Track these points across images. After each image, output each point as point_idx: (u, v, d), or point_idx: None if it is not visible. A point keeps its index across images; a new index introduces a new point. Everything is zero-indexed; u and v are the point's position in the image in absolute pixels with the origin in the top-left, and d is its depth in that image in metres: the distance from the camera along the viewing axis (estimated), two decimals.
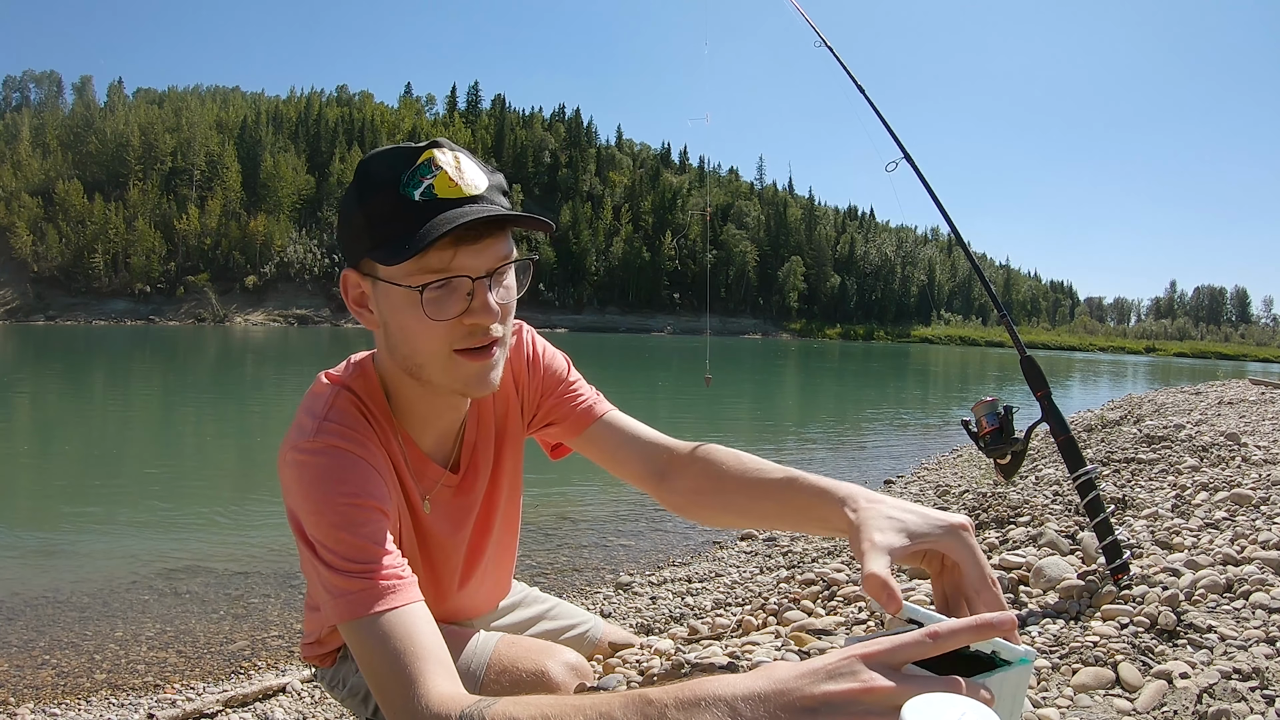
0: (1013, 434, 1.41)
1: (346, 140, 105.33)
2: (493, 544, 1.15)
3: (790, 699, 0.53)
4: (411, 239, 0.80)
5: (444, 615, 1.13)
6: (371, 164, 0.85)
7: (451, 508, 1.05)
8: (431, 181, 0.82)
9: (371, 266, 0.86)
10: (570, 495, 5.78)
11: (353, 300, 0.90)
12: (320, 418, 0.88)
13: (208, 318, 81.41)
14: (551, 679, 1.03)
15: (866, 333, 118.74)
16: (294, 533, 0.86)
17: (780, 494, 0.94)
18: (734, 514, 1.02)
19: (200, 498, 6.15)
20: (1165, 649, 1.06)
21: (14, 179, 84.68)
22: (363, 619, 0.78)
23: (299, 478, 0.84)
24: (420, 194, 0.81)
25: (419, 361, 0.88)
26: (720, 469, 1.00)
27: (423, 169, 0.82)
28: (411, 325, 0.85)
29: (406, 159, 0.83)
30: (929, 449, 9.01)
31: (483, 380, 0.89)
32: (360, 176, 0.85)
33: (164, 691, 2.84)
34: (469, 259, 0.83)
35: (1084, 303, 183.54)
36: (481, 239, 0.83)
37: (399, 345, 0.88)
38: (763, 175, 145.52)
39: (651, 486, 1.07)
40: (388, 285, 0.85)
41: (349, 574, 0.79)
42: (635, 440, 1.09)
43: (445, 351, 0.86)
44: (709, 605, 3.23)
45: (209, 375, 19.75)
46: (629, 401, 1.24)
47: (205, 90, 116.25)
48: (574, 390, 1.13)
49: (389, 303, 0.86)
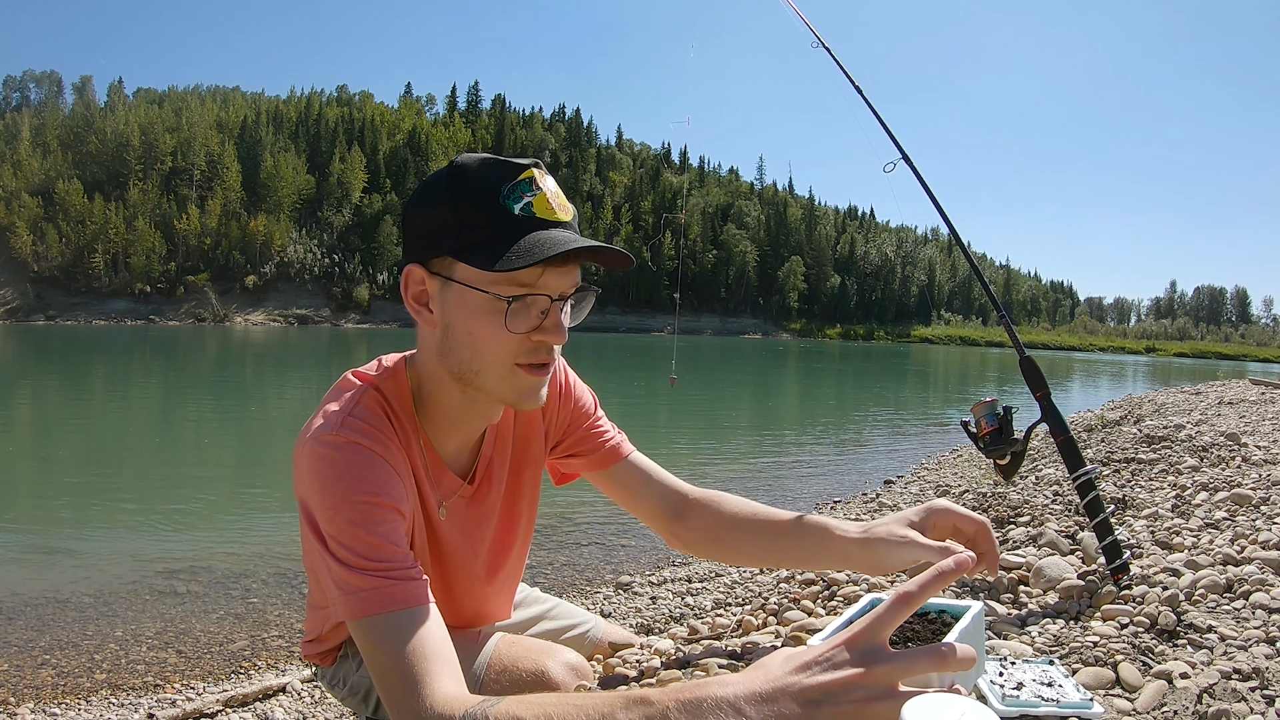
0: (1012, 434, 1.41)
1: (346, 140, 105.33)
2: (509, 565, 1.16)
3: (792, 696, 0.54)
4: (510, 250, 0.81)
5: (456, 626, 1.14)
6: (470, 167, 0.85)
7: (464, 518, 1.05)
8: (531, 200, 0.83)
9: (447, 266, 0.85)
10: (570, 495, 5.77)
11: (412, 296, 0.90)
12: (346, 413, 0.88)
13: (208, 318, 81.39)
14: (551, 679, 1.03)
15: (866, 333, 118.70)
16: (304, 522, 0.86)
17: (793, 533, 1.07)
18: (749, 554, 1.12)
19: (200, 497, 6.15)
20: (1165, 649, 1.06)
21: (14, 179, 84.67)
22: (373, 617, 0.78)
23: (317, 470, 0.84)
24: (520, 209, 0.83)
25: (477, 368, 0.88)
26: (735, 512, 1.11)
27: (524, 185, 0.83)
28: (482, 332, 0.85)
29: (508, 172, 0.84)
30: (929, 449, 9.01)
31: (535, 395, 0.90)
32: (454, 176, 0.85)
33: (164, 691, 2.84)
34: (553, 279, 0.85)
35: (1084, 303, 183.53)
36: (567, 263, 0.85)
37: (460, 349, 0.88)
38: (763, 175, 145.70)
39: (664, 526, 1.14)
40: (465, 289, 0.85)
41: (361, 571, 0.79)
42: (655, 482, 1.15)
43: (508, 363, 0.87)
44: (709, 605, 3.23)
45: (209, 375, 19.74)
46: (631, 400, 1.24)
47: (205, 90, 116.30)
48: (600, 426, 1.16)
49: (461, 305, 0.86)
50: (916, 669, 0.53)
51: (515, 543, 1.14)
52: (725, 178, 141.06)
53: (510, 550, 1.13)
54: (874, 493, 6.08)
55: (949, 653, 0.53)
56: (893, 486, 6.34)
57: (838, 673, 0.53)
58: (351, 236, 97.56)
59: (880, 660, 0.53)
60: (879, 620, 0.55)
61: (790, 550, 1.08)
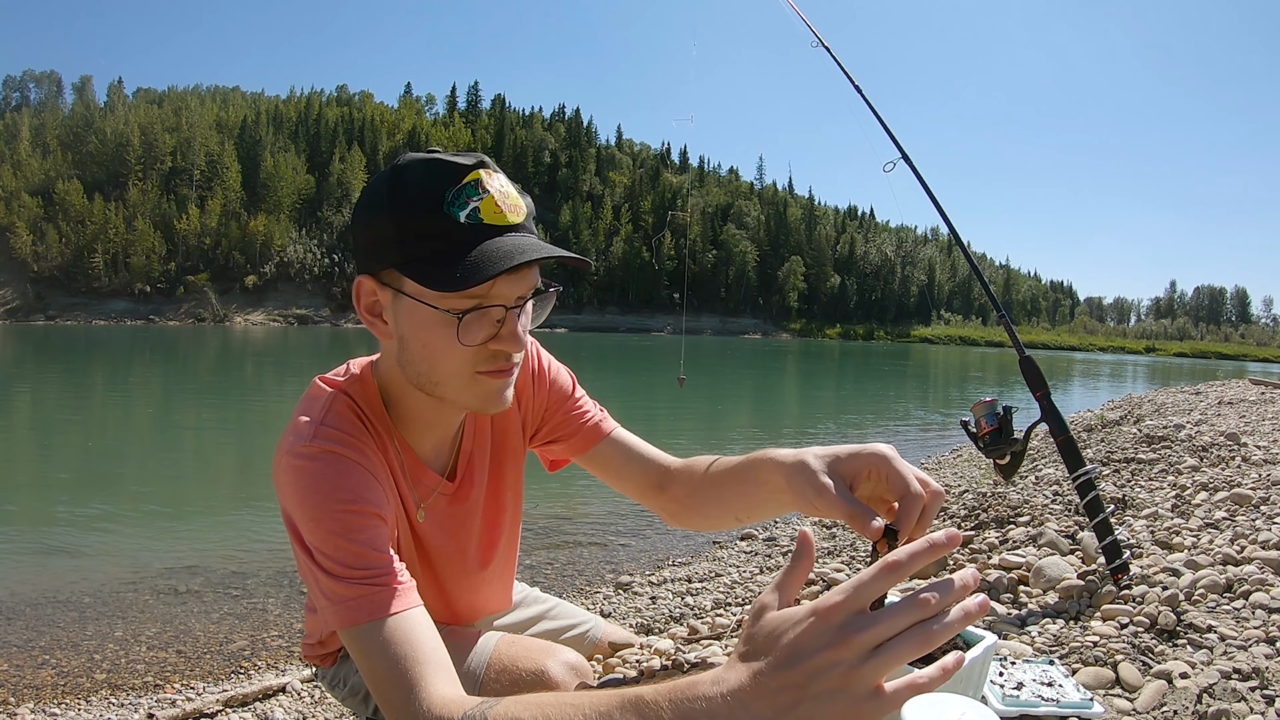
0: (1012, 434, 1.41)
1: (346, 140, 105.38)
2: (499, 557, 1.15)
3: (778, 684, 0.53)
4: (457, 264, 0.77)
5: (440, 620, 1.13)
6: (409, 172, 0.80)
7: (446, 516, 1.05)
8: (478, 205, 0.79)
9: (396, 279, 0.83)
10: (570, 495, 5.78)
11: (365, 309, 0.87)
12: (317, 422, 0.86)
13: (207, 318, 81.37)
14: (551, 679, 1.03)
15: (866, 333, 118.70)
16: (290, 536, 0.85)
17: (741, 474, 0.98)
18: (714, 509, 1.05)
19: (200, 497, 6.15)
20: (1165, 649, 1.06)
21: (14, 179, 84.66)
22: (362, 625, 0.78)
23: (295, 483, 0.83)
24: (466, 215, 0.78)
25: (436, 379, 0.87)
26: (700, 472, 1.05)
27: (469, 189, 0.79)
28: (436, 345, 0.83)
29: (451, 175, 0.79)
30: (929, 449, 9.01)
31: (499, 398, 0.89)
32: (394, 182, 0.80)
33: (164, 691, 2.84)
34: (507, 287, 0.82)
35: (1084, 303, 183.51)
36: (520, 269, 0.80)
37: (417, 362, 0.86)
38: (763, 175, 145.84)
39: (650, 499, 1.11)
40: (415, 303, 0.82)
41: (347, 580, 0.79)
42: (637, 458, 1.12)
43: (467, 373, 0.86)
44: (709, 605, 3.23)
45: (209, 375, 19.75)
46: (632, 400, 1.25)
47: (205, 90, 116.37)
48: (580, 407, 1.13)
49: (413, 319, 0.84)
50: (898, 625, 0.52)
51: (503, 534, 1.13)
52: (725, 178, 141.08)
53: (498, 542, 1.13)
54: None
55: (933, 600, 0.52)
56: None
57: (820, 654, 0.52)
58: (351, 236, 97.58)
59: (861, 627, 0.53)
60: (861, 588, 0.53)
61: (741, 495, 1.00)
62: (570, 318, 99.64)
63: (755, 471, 0.94)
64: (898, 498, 0.77)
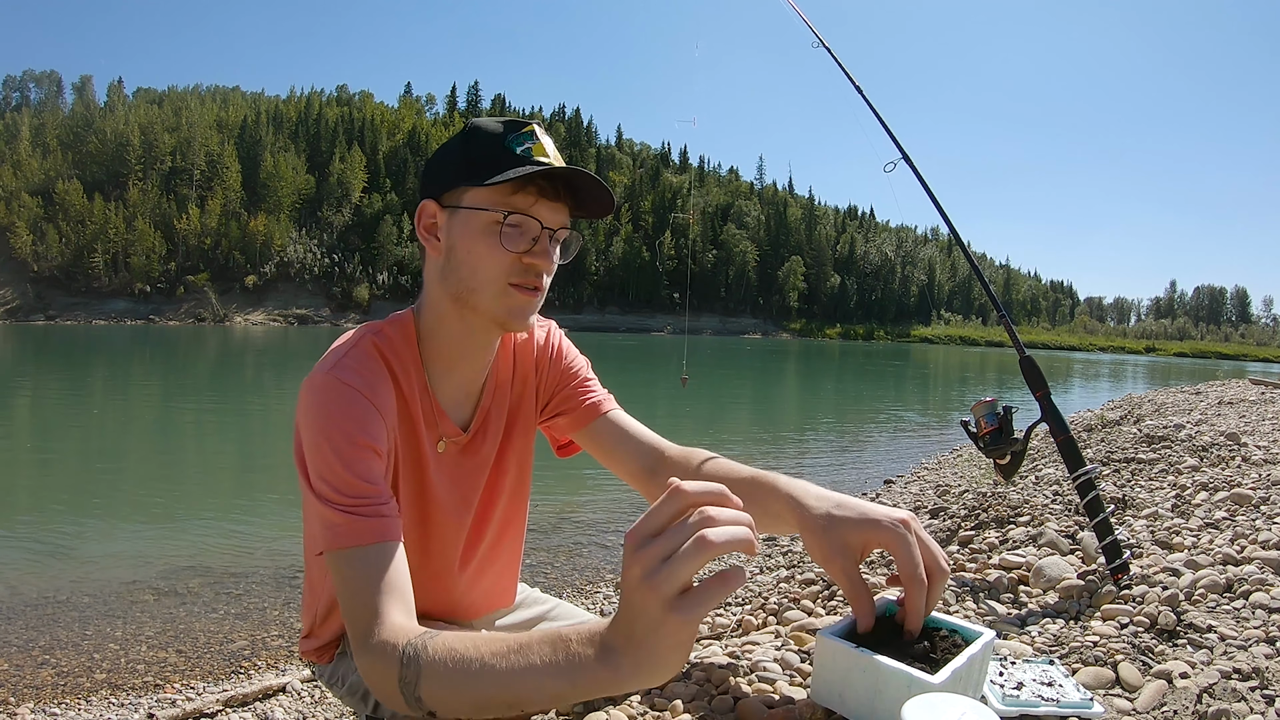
0: (1012, 434, 1.41)
1: (346, 140, 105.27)
2: (496, 524, 1.16)
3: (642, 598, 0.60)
4: (509, 170, 0.91)
5: (445, 609, 1.14)
6: (481, 122, 0.97)
7: (455, 465, 1.08)
8: (532, 146, 0.95)
9: (455, 197, 0.95)
10: (570, 495, 5.77)
11: (424, 227, 0.99)
12: (339, 356, 0.94)
13: (208, 317, 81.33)
14: None
15: (866, 333, 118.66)
16: (295, 459, 0.91)
17: (746, 491, 0.97)
18: None
19: (200, 498, 6.15)
20: (1165, 649, 1.06)
21: (14, 179, 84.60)
22: (341, 551, 0.83)
23: (306, 408, 0.90)
24: (521, 149, 0.94)
25: (474, 285, 0.96)
26: (694, 465, 1.07)
27: (526, 135, 0.95)
28: (480, 250, 0.94)
29: (513, 125, 0.96)
30: (929, 449, 9.02)
31: (524, 315, 0.98)
32: (468, 130, 0.97)
33: (164, 691, 2.84)
34: (545, 211, 0.95)
35: (1084, 303, 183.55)
36: (558, 200, 0.96)
37: (460, 268, 0.96)
38: (763, 175, 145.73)
39: (642, 483, 1.13)
40: (469, 212, 0.94)
41: (335, 506, 0.84)
42: (632, 439, 1.14)
43: (502, 281, 0.95)
44: None
45: (209, 375, 19.75)
46: (632, 400, 1.26)
47: (205, 90, 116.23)
48: (587, 386, 1.19)
49: (464, 228, 0.95)
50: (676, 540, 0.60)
51: (501, 497, 1.15)
52: (725, 177, 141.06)
53: (497, 501, 1.14)
54: (874, 493, 6.08)
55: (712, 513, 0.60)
56: (893, 486, 6.35)
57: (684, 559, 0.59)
58: (351, 236, 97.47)
59: (676, 500, 0.61)
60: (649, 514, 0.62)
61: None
62: (570, 318, 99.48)
63: (764, 499, 0.96)
64: (903, 581, 0.80)
